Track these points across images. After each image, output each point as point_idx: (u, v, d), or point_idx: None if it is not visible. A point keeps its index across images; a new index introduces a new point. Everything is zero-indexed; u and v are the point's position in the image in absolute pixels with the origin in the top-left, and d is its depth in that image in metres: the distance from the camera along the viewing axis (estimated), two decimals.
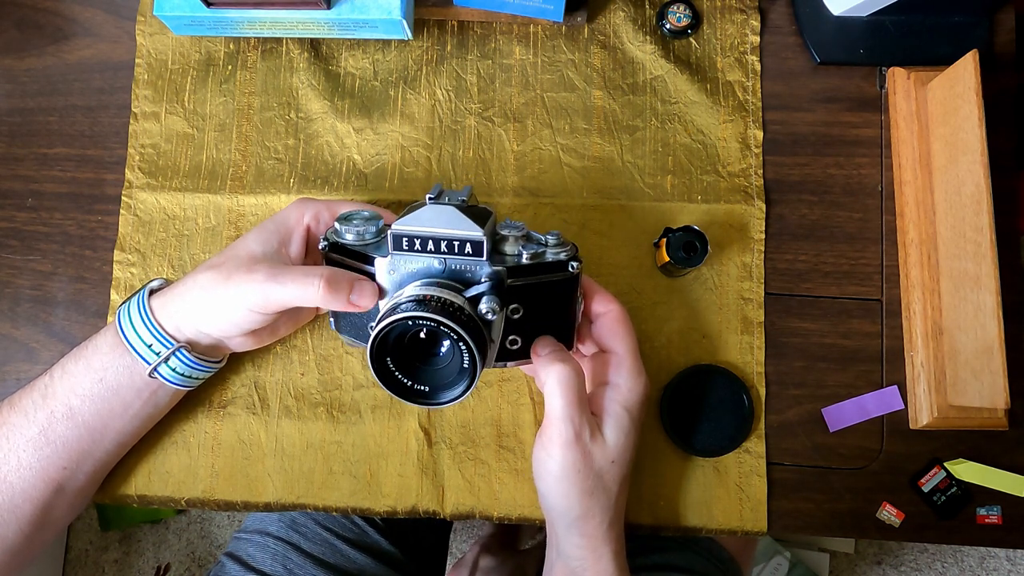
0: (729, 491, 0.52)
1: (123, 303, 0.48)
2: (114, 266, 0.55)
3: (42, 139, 0.58)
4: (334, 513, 0.52)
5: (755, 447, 0.52)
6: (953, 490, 0.51)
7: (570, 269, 0.43)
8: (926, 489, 0.52)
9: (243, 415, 0.53)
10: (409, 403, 0.40)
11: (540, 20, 0.57)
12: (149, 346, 0.45)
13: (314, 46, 0.58)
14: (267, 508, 0.52)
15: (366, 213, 0.45)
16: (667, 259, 0.50)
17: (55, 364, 0.47)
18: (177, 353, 0.46)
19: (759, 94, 0.56)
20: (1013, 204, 0.54)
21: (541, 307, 0.43)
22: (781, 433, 0.53)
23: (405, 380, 0.39)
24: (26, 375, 0.55)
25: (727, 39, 0.57)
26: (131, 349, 0.45)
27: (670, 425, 0.52)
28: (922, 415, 0.52)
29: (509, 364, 0.46)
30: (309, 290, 0.42)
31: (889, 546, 1.25)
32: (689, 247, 0.50)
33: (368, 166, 0.56)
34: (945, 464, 0.52)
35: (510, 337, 0.44)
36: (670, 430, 0.52)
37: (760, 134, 0.56)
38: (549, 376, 0.41)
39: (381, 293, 0.42)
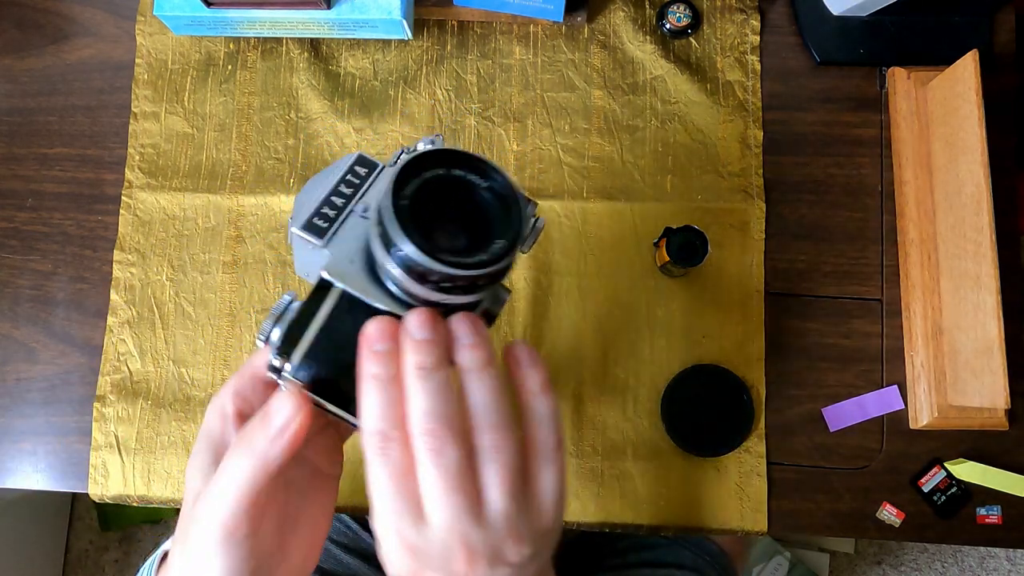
0: (729, 491, 0.52)
1: None
2: (114, 266, 0.55)
3: (42, 139, 0.58)
4: (334, 512, 0.52)
5: (755, 447, 0.52)
6: (953, 490, 0.51)
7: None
8: (926, 489, 0.52)
9: None
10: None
11: (540, 20, 0.57)
12: None
13: (314, 46, 0.58)
14: None
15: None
16: (667, 259, 0.50)
17: None
18: None
19: (759, 94, 0.56)
20: (1013, 204, 0.54)
21: None
22: (781, 433, 0.53)
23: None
24: (26, 375, 0.55)
25: (727, 39, 0.57)
26: None
27: (670, 425, 0.52)
28: (922, 415, 0.52)
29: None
30: (255, 464, 0.29)
31: (889, 546, 1.25)
32: (689, 247, 0.50)
33: None
34: (945, 464, 0.52)
35: None
36: (670, 430, 0.52)
37: (760, 134, 0.56)
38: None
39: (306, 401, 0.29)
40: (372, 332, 0.27)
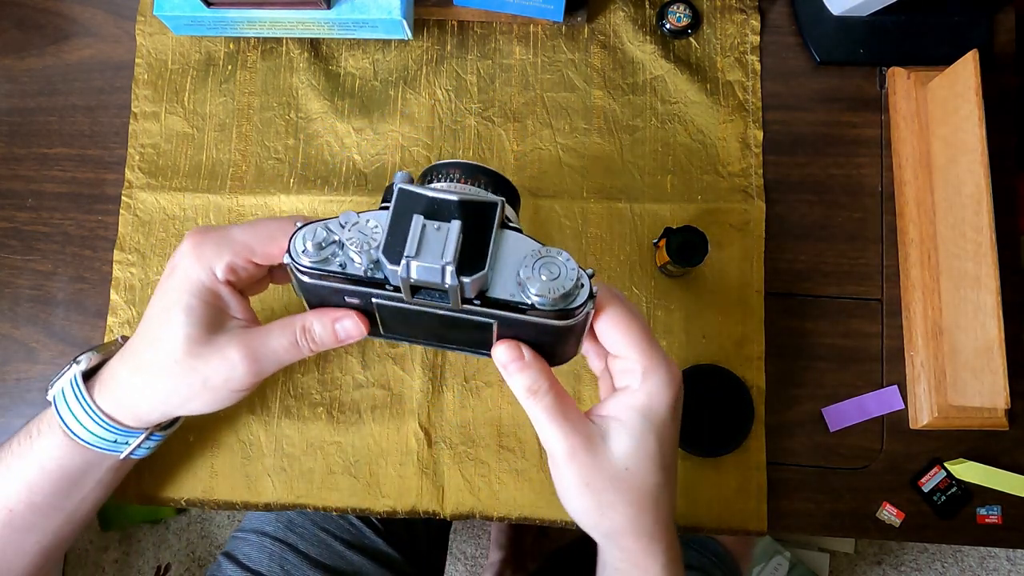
0: (729, 491, 0.52)
1: (57, 396, 0.43)
2: (114, 266, 0.55)
3: (42, 139, 0.58)
4: (334, 513, 0.52)
5: (755, 447, 0.52)
6: (953, 490, 0.51)
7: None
8: (926, 489, 0.52)
9: (243, 415, 0.53)
10: None
11: (540, 20, 0.57)
12: (114, 441, 0.43)
13: (314, 46, 0.58)
14: (267, 508, 0.52)
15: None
16: (667, 259, 0.50)
17: None
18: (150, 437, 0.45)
19: (759, 94, 0.56)
20: (1013, 204, 0.54)
21: None
22: (781, 433, 0.53)
23: None
24: (26, 375, 0.55)
25: (727, 39, 0.57)
26: (95, 448, 0.43)
27: None
28: (922, 415, 0.52)
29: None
30: (298, 349, 0.40)
31: (889, 546, 1.25)
32: (689, 247, 0.50)
33: (368, 166, 0.56)
34: (945, 464, 0.52)
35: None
36: None
37: (760, 134, 0.56)
38: (516, 390, 0.37)
39: (370, 323, 0.39)
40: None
